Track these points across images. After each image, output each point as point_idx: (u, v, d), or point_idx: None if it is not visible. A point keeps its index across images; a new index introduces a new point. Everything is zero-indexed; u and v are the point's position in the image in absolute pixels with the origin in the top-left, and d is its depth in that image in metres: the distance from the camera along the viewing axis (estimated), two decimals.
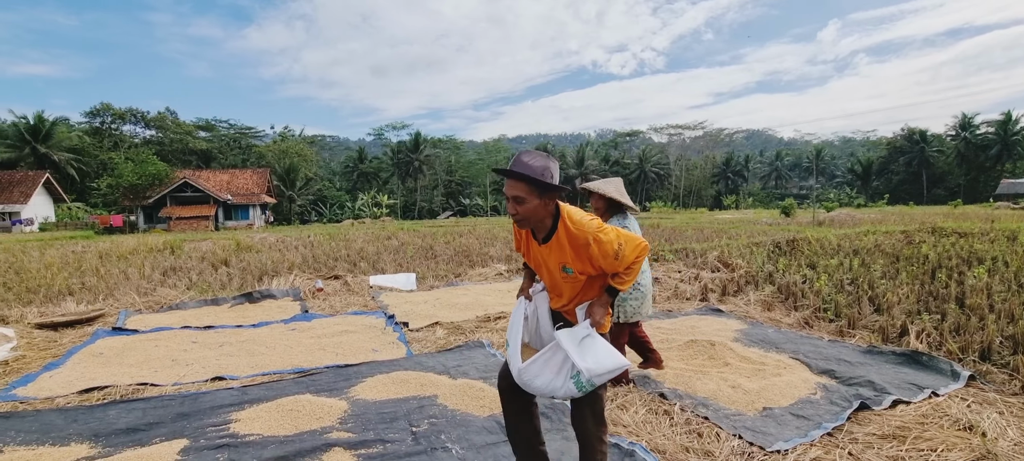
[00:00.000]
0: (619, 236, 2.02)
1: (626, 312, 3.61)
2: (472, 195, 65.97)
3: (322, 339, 5.06)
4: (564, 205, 2.07)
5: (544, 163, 1.93)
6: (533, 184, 1.92)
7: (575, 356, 2.00)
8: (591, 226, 1.99)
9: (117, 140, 55.33)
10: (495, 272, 8.81)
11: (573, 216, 2.02)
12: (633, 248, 2.04)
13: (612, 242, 1.98)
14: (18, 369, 4.36)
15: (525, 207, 1.95)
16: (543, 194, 1.95)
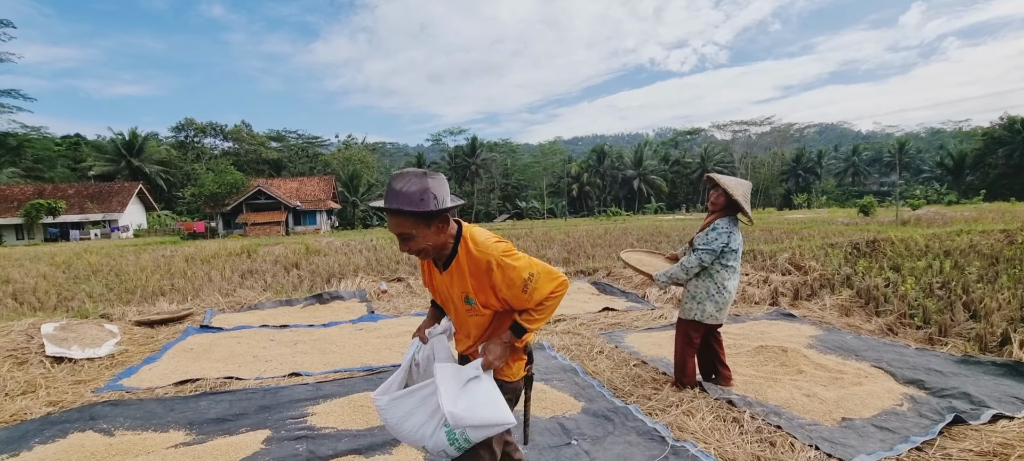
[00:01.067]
0: (532, 265, 1.72)
1: (704, 311, 3.49)
2: (528, 198, 66.15)
3: (388, 339, 5.25)
4: (468, 225, 1.79)
5: (421, 186, 1.60)
6: (414, 217, 1.60)
7: (445, 394, 1.62)
8: (495, 249, 1.69)
9: (199, 152, 59.84)
10: None
11: (476, 237, 1.73)
12: (549, 281, 1.72)
13: (521, 270, 1.67)
14: (122, 362, 4.83)
15: (415, 244, 1.65)
16: (430, 221, 1.63)
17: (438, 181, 1.65)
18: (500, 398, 1.69)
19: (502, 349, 1.75)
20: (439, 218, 1.65)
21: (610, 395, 3.60)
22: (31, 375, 4.32)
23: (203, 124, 60.97)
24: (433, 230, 1.65)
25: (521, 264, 1.69)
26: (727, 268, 3.45)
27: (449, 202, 1.66)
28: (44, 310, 7.24)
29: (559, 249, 12.58)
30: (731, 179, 3.47)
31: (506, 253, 1.70)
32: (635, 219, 33.98)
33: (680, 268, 3.52)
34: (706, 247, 3.41)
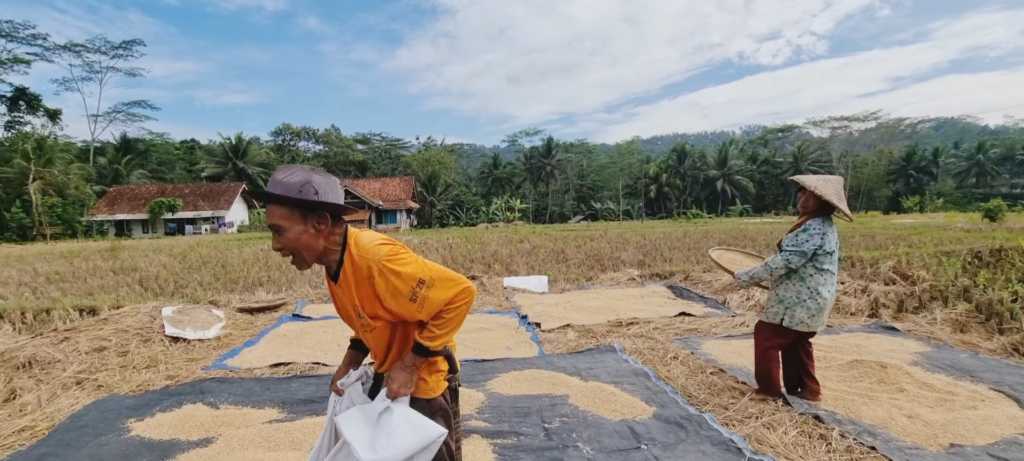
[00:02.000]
0: (424, 271, 1.51)
1: (793, 317, 3.25)
2: (604, 199, 65.15)
3: (461, 334, 5.40)
4: (355, 229, 1.64)
5: (304, 177, 1.50)
6: (291, 205, 1.49)
7: (359, 445, 1.45)
8: (377, 252, 1.50)
9: (294, 155, 64.67)
10: (627, 277, 8.62)
11: (359, 239, 1.56)
12: (445, 287, 1.52)
13: (408, 278, 1.48)
14: (227, 344, 5.34)
15: (286, 237, 1.50)
16: (307, 216, 1.50)
17: (326, 179, 1.54)
18: (420, 418, 1.56)
19: (406, 375, 1.57)
20: (317, 215, 1.51)
21: (683, 402, 3.47)
22: (153, 351, 4.90)
23: (298, 129, 65.87)
24: (308, 228, 1.51)
25: (408, 270, 1.49)
26: (822, 272, 3.20)
27: (335, 199, 1.54)
28: (164, 295, 8.15)
29: (634, 251, 12.29)
30: (817, 178, 3.22)
31: (390, 257, 1.50)
32: (717, 221, 32.41)
33: (763, 267, 3.32)
34: (795, 248, 3.18)
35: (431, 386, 1.63)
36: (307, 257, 1.54)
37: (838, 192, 3.19)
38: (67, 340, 4.93)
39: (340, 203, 1.55)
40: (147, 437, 3.08)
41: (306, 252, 1.53)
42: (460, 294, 1.54)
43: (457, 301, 1.53)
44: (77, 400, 3.76)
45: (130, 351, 4.86)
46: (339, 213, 1.57)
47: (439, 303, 1.51)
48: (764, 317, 3.42)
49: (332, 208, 1.53)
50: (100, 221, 43.36)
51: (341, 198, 1.57)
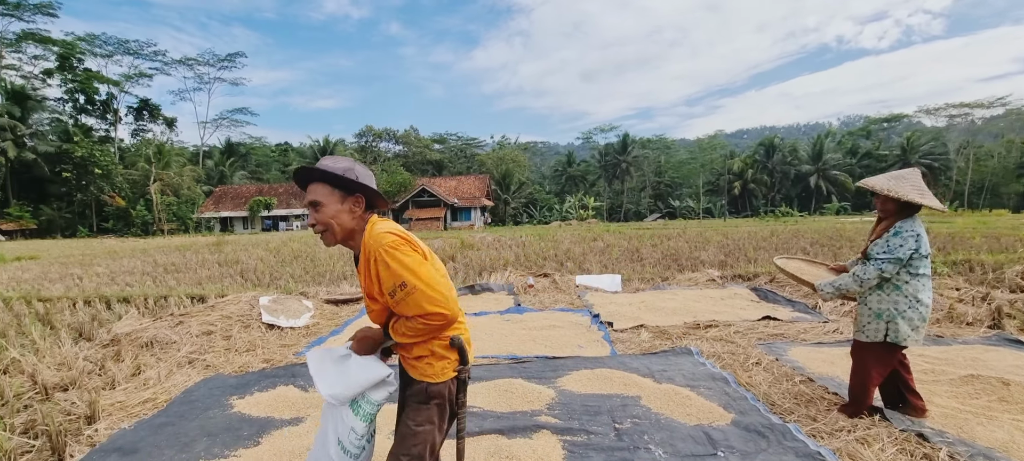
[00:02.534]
0: (415, 275, 1.59)
1: (898, 332, 2.87)
2: (682, 196, 62.71)
3: (532, 331, 5.43)
4: (376, 217, 1.78)
5: (349, 164, 1.72)
6: (333, 182, 1.69)
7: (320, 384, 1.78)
8: (383, 240, 1.62)
9: (375, 155, 67.96)
10: (706, 277, 8.25)
11: (375, 225, 1.71)
12: (425, 301, 1.58)
13: (394, 274, 1.59)
14: (315, 332, 5.73)
15: (324, 212, 1.69)
16: (346, 196, 1.70)
17: (366, 169, 1.76)
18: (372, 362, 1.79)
19: (369, 341, 1.81)
20: (354, 197, 1.71)
21: (765, 410, 3.28)
22: (252, 336, 5.36)
23: (379, 130, 69.16)
24: (345, 207, 1.71)
25: (397, 267, 1.59)
26: (918, 277, 2.85)
27: (371, 184, 1.73)
28: (260, 286, 8.89)
29: (715, 251, 11.73)
30: (885, 178, 2.89)
31: (392, 248, 1.60)
32: (809, 220, 30.11)
33: (852, 278, 2.95)
34: (888, 255, 2.83)
35: (435, 371, 1.72)
36: (338, 233, 1.72)
37: (918, 187, 2.83)
38: (181, 324, 5.52)
39: (375, 190, 1.74)
40: (247, 413, 3.38)
41: (338, 228, 1.71)
42: (435, 317, 1.60)
43: (431, 320, 1.61)
44: (189, 377, 4.20)
45: (233, 335, 5.35)
46: (373, 200, 1.75)
47: (415, 309, 1.59)
48: (862, 336, 3.03)
49: (369, 192, 1.72)
50: (207, 218, 48.06)
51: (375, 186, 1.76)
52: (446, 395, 1.74)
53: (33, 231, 42.68)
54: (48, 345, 4.88)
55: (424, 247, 1.73)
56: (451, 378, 1.74)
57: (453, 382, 1.75)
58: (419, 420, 1.71)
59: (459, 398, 1.80)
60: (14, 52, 50.70)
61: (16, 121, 43.04)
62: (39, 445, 2.93)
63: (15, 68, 50.78)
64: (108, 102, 53.53)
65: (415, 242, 1.69)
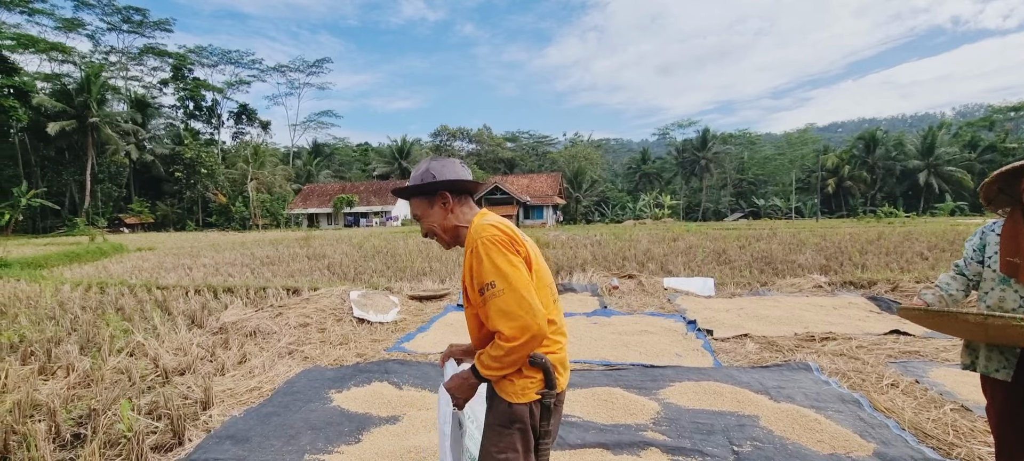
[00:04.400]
0: (502, 278, 1.42)
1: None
2: (768, 194, 58.99)
3: (623, 336, 5.16)
4: (488, 211, 1.67)
5: (424, 167, 1.65)
6: (418, 192, 1.65)
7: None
8: (484, 231, 1.50)
9: (450, 153, 69.61)
10: (812, 283, 7.54)
11: (482, 219, 1.59)
12: (510, 316, 1.40)
13: (487, 270, 1.44)
14: (402, 328, 5.78)
15: (423, 222, 1.69)
16: (432, 199, 1.64)
17: (441, 163, 1.65)
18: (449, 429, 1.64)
19: (461, 383, 1.58)
20: (439, 196, 1.63)
21: (915, 442, 2.82)
22: (345, 330, 5.49)
23: (454, 129, 70.83)
24: (438, 209, 1.64)
25: (491, 263, 1.44)
26: None
27: (449, 176, 1.62)
28: (346, 280, 9.21)
29: (813, 254, 10.78)
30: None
31: (491, 242, 1.47)
32: (920, 222, 27.09)
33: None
34: None
35: (516, 389, 1.50)
36: (443, 236, 1.67)
37: None
38: (280, 315, 5.77)
39: (456, 178, 1.62)
40: (346, 408, 3.40)
41: (441, 231, 1.67)
42: (518, 332, 1.40)
43: (512, 339, 1.41)
44: (289, 368, 4.33)
45: (327, 328, 5.51)
46: (457, 189, 1.65)
47: (496, 318, 1.42)
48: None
49: (448, 185, 1.62)
50: (296, 214, 51.35)
51: (459, 175, 1.64)
52: (527, 419, 1.51)
53: (151, 225, 47.84)
54: (166, 330, 5.26)
55: (531, 248, 1.58)
56: (534, 400, 1.51)
57: (536, 406, 1.52)
58: (501, 446, 1.51)
59: (542, 425, 1.55)
60: (137, 65, 56.90)
61: (138, 126, 48.22)
62: (161, 427, 3.09)
63: (137, 79, 56.96)
64: (213, 108, 58.70)
65: (520, 241, 1.54)
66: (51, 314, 6.03)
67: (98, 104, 42.98)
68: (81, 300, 7.03)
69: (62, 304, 6.60)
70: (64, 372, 4.03)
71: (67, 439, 2.98)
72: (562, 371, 1.56)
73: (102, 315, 5.97)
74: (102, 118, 43.21)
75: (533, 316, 1.40)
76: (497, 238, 1.47)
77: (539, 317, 1.41)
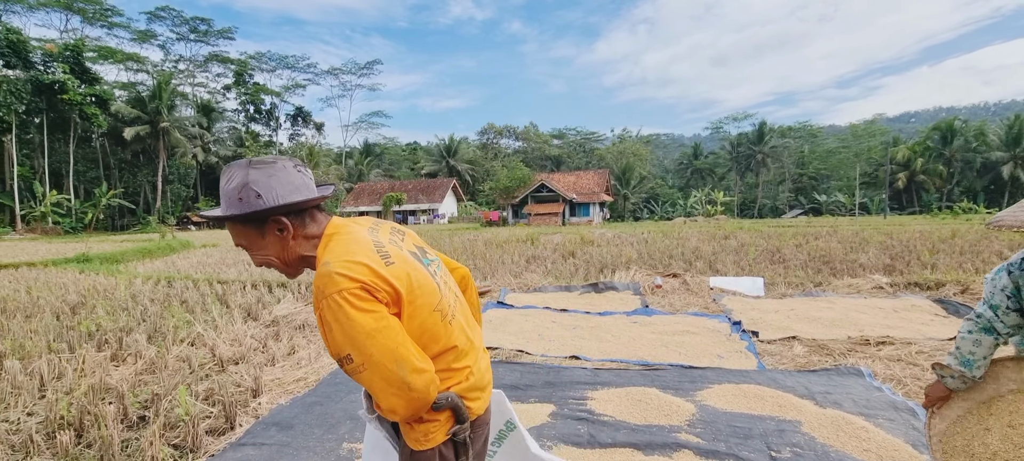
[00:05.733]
0: (360, 343, 1.07)
1: None
2: (830, 190, 55.95)
3: (663, 336, 5.05)
4: (338, 222, 1.26)
5: (240, 179, 1.18)
6: (235, 222, 1.21)
7: None
8: (329, 287, 1.09)
9: (496, 151, 70.13)
10: (871, 284, 7.11)
11: (328, 252, 1.18)
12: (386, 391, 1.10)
13: (339, 341, 1.08)
14: None
15: (257, 256, 1.24)
16: (261, 227, 1.21)
17: (267, 173, 1.18)
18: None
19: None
20: (272, 222, 1.20)
21: None
22: None
23: (500, 127, 71.29)
24: (272, 239, 1.22)
25: (344, 333, 1.08)
26: None
27: (285, 198, 1.18)
28: None
29: (877, 253, 10.15)
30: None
31: (340, 300, 1.07)
32: None
33: None
34: None
35: (418, 435, 1.23)
36: (290, 269, 1.28)
37: None
38: None
39: (290, 201, 1.19)
40: None
41: (286, 265, 1.26)
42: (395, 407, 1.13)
43: (392, 412, 1.14)
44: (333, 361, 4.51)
45: None
46: (296, 209, 1.21)
47: (374, 392, 1.13)
48: None
49: (282, 210, 1.19)
50: (348, 212, 53.15)
51: (297, 191, 1.21)
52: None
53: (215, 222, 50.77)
54: (224, 322, 5.59)
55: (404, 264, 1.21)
56: (442, 443, 1.26)
57: (447, 446, 1.27)
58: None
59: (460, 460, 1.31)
60: (203, 72, 60.56)
61: (204, 130, 51.33)
62: (215, 412, 3.30)
63: (203, 85, 60.61)
64: (271, 111, 61.65)
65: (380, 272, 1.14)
66: (124, 306, 6.54)
67: (168, 110, 46.06)
68: (151, 293, 7.58)
69: (134, 296, 7.15)
70: (133, 359, 4.38)
71: (133, 421, 3.24)
72: (477, 394, 1.32)
73: (168, 307, 6.42)
74: (172, 123, 46.27)
75: (408, 392, 1.12)
76: (345, 293, 1.08)
77: (415, 391, 1.13)
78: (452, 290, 1.38)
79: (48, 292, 7.43)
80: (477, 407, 1.31)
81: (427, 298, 1.21)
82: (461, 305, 1.40)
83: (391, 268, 1.16)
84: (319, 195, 1.25)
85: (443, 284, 1.32)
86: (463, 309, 1.40)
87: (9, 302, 6.71)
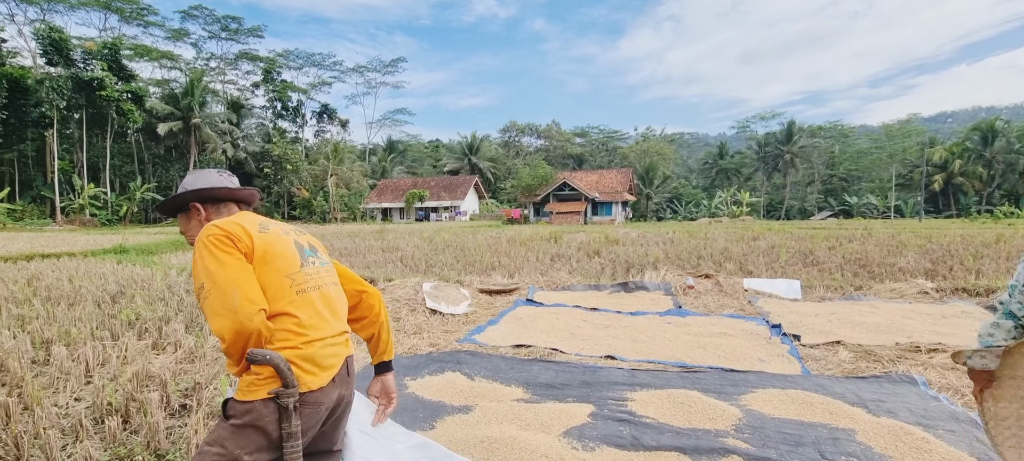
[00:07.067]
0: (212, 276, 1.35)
1: None
2: (862, 192, 54.39)
3: (700, 337, 4.93)
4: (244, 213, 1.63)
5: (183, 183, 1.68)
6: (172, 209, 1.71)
7: None
8: (203, 233, 1.43)
9: (518, 150, 70.06)
10: (916, 289, 6.84)
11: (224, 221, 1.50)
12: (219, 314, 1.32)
13: (199, 272, 1.38)
14: (473, 321, 5.87)
15: (188, 236, 1.67)
16: (185, 211, 1.67)
17: (194, 175, 1.66)
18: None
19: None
20: (192, 207, 1.64)
21: None
22: (418, 320, 5.66)
23: (522, 125, 71.20)
24: (194, 221, 1.65)
25: (203, 266, 1.37)
26: None
27: (193, 185, 1.64)
28: (418, 272, 9.49)
29: (916, 257, 9.79)
30: None
31: (206, 242, 1.40)
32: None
33: None
34: None
35: (243, 385, 1.39)
36: None
37: None
38: None
39: (205, 187, 1.63)
40: (421, 395, 3.49)
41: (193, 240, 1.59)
42: (223, 332, 1.32)
43: (221, 338, 1.33)
44: (366, 355, 4.51)
45: (401, 318, 5.70)
46: (207, 197, 1.64)
47: (209, 319, 1.35)
48: None
49: (195, 195, 1.62)
50: (371, 208, 53.73)
51: (211, 183, 1.64)
52: (253, 420, 1.35)
53: None
54: None
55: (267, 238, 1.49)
56: (262, 399, 1.35)
57: (267, 404, 1.36)
58: (209, 438, 1.40)
59: (283, 427, 1.38)
60: (233, 69, 61.85)
61: (233, 126, 52.37)
62: None
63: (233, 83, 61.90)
64: (298, 108, 62.59)
65: (242, 236, 1.43)
66: (161, 296, 6.68)
67: (200, 106, 47.17)
68: (185, 284, 7.73)
69: (170, 287, 7.30)
70: (173, 348, 4.45)
71: (176, 408, 3.27)
72: (311, 368, 1.42)
73: None
74: (203, 119, 47.36)
75: (234, 314, 1.31)
76: (212, 237, 1.40)
77: (241, 314, 1.31)
78: (323, 279, 1.59)
79: (89, 281, 7.64)
80: (309, 380, 1.42)
81: (282, 264, 1.47)
82: (327, 296, 1.57)
83: (260, 234, 1.48)
84: (220, 185, 1.64)
85: (314, 271, 1.57)
86: (328, 301, 1.57)
87: (53, 290, 6.91)
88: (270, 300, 1.41)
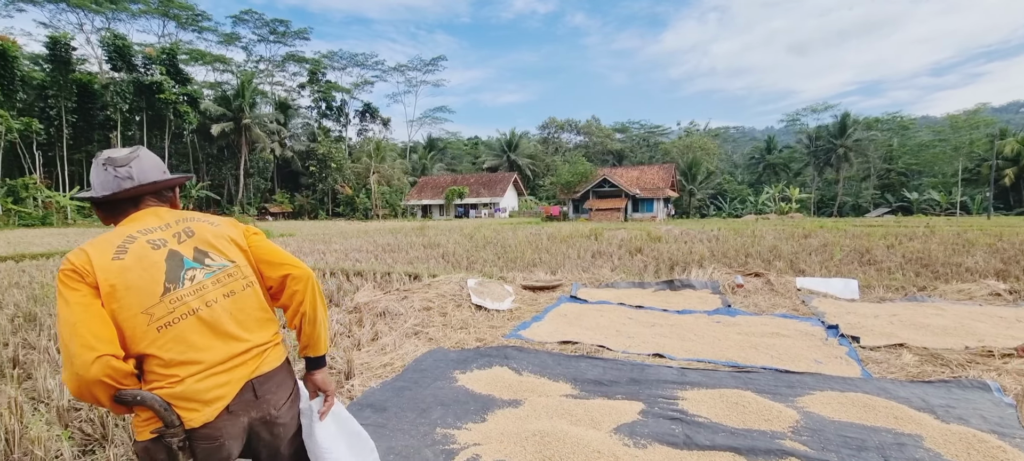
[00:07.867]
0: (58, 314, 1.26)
1: None
2: (923, 187, 51.41)
3: (752, 337, 4.81)
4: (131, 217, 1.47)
5: None
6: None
7: None
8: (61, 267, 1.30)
9: (557, 146, 69.73)
10: (988, 291, 6.43)
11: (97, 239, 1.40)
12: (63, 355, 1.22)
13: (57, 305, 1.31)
14: (518, 317, 5.91)
15: None
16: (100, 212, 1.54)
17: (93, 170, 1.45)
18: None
19: None
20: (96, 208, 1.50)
21: None
22: (464, 315, 5.75)
23: (562, 122, 70.83)
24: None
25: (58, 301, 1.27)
26: None
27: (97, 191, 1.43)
28: (460, 268, 9.61)
29: (985, 256, 9.19)
30: None
31: (60, 275, 1.28)
32: None
33: None
34: None
35: (132, 425, 1.34)
36: None
37: None
38: (405, 298, 6.18)
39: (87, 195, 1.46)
40: (470, 389, 3.55)
41: None
42: (67, 382, 1.22)
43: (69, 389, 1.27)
44: (416, 347, 4.63)
45: (448, 313, 5.81)
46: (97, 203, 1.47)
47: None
48: None
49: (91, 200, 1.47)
50: (412, 205, 54.70)
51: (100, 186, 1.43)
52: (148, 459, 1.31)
53: (290, 213, 53.85)
54: None
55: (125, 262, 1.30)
56: (151, 439, 1.28)
57: (156, 444, 1.28)
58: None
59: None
60: (280, 71, 64.20)
61: (281, 126, 54.40)
62: None
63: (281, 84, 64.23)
64: (341, 107, 64.37)
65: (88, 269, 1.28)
66: None
67: (250, 107, 49.23)
68: None
69: None
70: None
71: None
72: (191, 405, 1.29)
73: None
74: (253, 119, 49.41)
75: (70, 364, 1.20)
76: (61, 271, 1.28)
77: (76, 364, 1.19)
78: (206, 295, 1.37)
79: None
80: (191, 417, 1.29)
81: (135, 299, 1.29)
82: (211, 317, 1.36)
83: (113, 262, 1.30)
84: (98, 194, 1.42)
85: (190, 291, 1.35)
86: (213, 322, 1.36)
87: None
88: (128, 341, 1.28)
